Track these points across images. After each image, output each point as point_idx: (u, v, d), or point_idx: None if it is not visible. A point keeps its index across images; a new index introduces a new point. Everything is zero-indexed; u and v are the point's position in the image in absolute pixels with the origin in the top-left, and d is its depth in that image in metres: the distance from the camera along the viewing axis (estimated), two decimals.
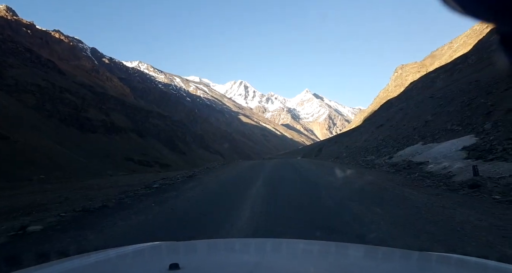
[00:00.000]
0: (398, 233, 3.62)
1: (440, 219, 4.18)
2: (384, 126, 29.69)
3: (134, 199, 6.73)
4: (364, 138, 29.43)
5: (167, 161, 63.79)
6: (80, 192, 12.73)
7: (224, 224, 4.20)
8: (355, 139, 33.90)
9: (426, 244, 3.21)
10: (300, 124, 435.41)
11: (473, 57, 43.34)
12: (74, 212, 5.38)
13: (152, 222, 4.69)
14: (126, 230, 4.16)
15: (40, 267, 1.06)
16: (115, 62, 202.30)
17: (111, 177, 40.15)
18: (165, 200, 6.45)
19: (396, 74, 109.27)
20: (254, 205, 5.57)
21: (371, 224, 4.03)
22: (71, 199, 10.27)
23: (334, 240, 3.23)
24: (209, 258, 1.30)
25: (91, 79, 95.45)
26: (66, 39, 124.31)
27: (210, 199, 7.05)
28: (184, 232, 4.12)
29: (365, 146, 24.63)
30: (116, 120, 64.48)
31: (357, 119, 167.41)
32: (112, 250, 1.34)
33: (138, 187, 9.05)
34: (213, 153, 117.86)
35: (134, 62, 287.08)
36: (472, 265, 1.22)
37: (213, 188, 8.95)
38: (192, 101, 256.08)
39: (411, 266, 1.22)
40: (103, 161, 53.10)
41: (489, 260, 1.26)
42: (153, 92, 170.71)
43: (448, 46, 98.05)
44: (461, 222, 3.94)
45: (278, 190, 7.91)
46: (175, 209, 5.72)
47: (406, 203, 5.34)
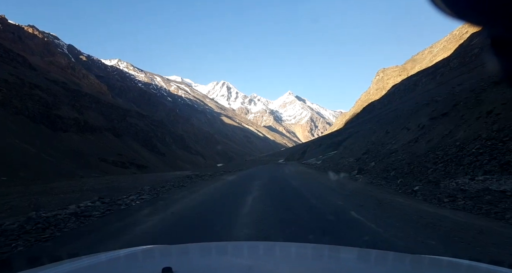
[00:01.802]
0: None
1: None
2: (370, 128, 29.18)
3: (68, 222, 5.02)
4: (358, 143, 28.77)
5: (145, 162, 61.08)
6: (33, 198, 10.86)
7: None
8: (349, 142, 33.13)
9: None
10: (283, 126, 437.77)
11: (455, 61, 44.11)
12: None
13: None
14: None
15: (32, 271, 1.05)
16: (93, 59, 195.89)
17: (81, 178, 37.50)
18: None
19: (378, 77, 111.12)
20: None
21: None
22: (16, 207, 8.50)
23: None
24: (202, 262, 1.28)
25: (65, 76, 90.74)
26: (40, 35, 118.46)
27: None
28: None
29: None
30: (90, 118, 61.02)
31: (338, 121, 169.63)
32: (104, 254, 1.30)
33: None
34: (194, 154, 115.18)
35: (113, 60, 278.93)
36: (464, 267, 1.24)
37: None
38: (173, 101, 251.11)
39: (403, 269, 1.23)
40: (75, 162, 49.89)
41: (481, 263, 1.28)
42: (132, 91, 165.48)
43: (428, 51, 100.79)
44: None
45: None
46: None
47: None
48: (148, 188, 11.59)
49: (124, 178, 37.52)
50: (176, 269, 0.87)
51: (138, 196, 8.69)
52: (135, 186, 13.50)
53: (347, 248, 1.83)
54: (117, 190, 19.82)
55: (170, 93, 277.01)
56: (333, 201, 7.00)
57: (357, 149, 23.98)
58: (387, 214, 5.39)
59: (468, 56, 40.25)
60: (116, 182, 32.11)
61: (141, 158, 63.71)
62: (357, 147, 24.88)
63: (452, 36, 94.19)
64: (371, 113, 55.14)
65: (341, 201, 6.94)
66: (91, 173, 46.66)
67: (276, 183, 12.17)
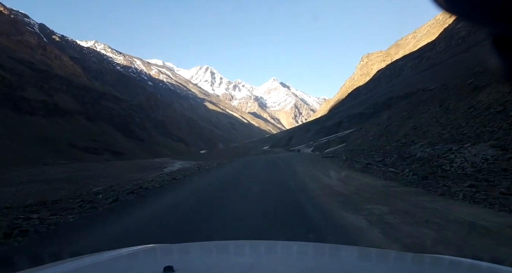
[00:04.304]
0: None
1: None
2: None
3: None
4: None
5: (121, 149, 58.00)
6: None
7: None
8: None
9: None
10: (267, 112, 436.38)
11: (442, 44, 43.25)
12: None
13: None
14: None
15: (33, 271, 1.05)
16: (67, 40, 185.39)
17: (44, 166, 34.61)
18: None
19: (362, 63, 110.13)
20: None
21: None
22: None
23: None
24: (204, 260, 1.29)
25: (35, 56, 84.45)
26: (6, 11, 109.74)
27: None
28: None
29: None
30: (60, 101, 56.83)
31: (322, 108, 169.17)
32: (106, 253, 1.31)
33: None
34: (176, 141, 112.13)
35: (89, 42, 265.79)
36: (466, 266, 1.26)
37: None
38: (154, 85, 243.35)
39: (405, 268, 1.24)
40: (42, 148, 46.46)
41: (483, 261, 1.28)
42: (109, 73, 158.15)
43: (412, 36, 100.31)
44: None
45: None
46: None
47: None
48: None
49: (95, 166, 34.92)
50: (177, 267, 0.88)
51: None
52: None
53: (348, 247, 1.85)
54: (75, 182, 17.48)
55: (151, 77, 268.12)
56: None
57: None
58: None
59: (454, 39, 39.20)
60: (82, 171, 29.48)
61: (117, 144, 60.54)
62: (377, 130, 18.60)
63: (435, 21, 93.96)
64: (356, 99, 54.04)
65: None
66: (59, 160, 43.52)
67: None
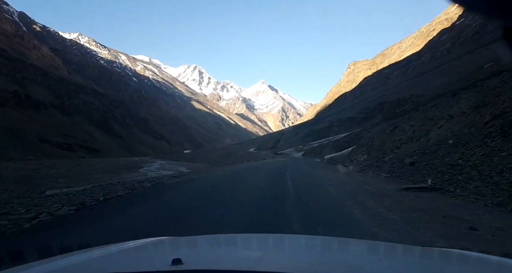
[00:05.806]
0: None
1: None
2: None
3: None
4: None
5: (97, 146, 55.39)
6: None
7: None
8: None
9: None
10: (255, 114, 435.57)
11: (427, 55, 43.60)
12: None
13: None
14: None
15: (41, 263, 1.05)
16: (49, 31, 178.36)
17: (7, 162, 32.10)
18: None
19: (349, 70, 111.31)
20: None
21: None
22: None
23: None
24: (212, 253, 1.30)
25: (10, 45, 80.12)
26: None
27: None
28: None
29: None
30: (33, 92, 53.70)
31: (309, 112, 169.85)
32: (114, 246, 1.34)
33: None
34: (158, 139, 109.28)
35: (73, 34, 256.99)
36: (474, 260, 1.25)
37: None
38: (139, 81, 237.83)
39: (413, 261, 1.24)
40: (10, 141, 43.52)
41: (491, 255, 1.28)
42: (92, 67, 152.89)
43: (397, 46, 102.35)
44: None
45: None
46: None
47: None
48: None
49: (63, 164, 32.63)
50: (185, 260, 0.88)
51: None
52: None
53: (356, 241, 1.84)
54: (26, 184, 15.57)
55: (136, 73, 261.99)
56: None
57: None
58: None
59: (439, 50, 39.59)
60: (46, 168, 27.10)
61: (93, 141, 57.82)
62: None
63: (420, 33, 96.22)
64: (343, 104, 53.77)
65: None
66: (26, 155, 40.78)
67: None
